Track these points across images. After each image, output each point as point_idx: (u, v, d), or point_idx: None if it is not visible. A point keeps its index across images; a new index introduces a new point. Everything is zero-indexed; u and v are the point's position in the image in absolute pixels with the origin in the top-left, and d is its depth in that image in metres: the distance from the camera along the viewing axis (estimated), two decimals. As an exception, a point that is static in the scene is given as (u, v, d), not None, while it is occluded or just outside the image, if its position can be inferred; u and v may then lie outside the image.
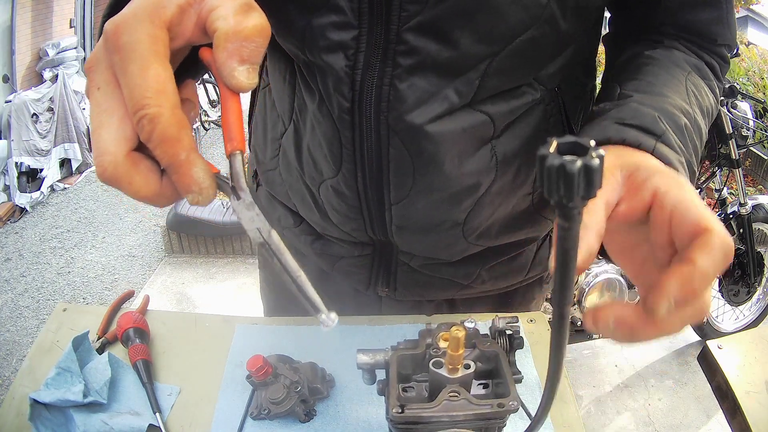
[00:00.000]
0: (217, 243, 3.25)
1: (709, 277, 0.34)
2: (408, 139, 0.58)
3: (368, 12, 0.52)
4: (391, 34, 0.53)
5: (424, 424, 0.47)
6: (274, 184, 0.78)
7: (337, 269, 0.79)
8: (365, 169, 0.62)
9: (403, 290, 0.78)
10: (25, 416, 0.60)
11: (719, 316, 2.50)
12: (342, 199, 0.66)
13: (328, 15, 0.53)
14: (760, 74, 4.12)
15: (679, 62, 0.56)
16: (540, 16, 0.53)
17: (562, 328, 0.31)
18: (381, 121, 0.57)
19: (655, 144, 0.44)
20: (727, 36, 0.59)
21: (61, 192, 4.33)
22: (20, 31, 4.51)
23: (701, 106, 0.53)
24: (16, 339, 2.71)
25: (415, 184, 0.62)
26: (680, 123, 0.48)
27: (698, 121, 0.51)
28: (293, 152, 0.69)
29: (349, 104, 0.57)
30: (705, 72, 0.58)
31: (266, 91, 0.72)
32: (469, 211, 0.67)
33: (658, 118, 0.46)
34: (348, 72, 0.55)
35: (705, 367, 0.75)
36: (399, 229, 0.67)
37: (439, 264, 0.74)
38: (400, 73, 0.55)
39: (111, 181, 0.32)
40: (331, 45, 0.55)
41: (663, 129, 0.45)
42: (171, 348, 0.72)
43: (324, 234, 0.76)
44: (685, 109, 0.50)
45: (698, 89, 0.55)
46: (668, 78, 0.53)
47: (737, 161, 2.08)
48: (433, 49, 0.53)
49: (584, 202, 0.22)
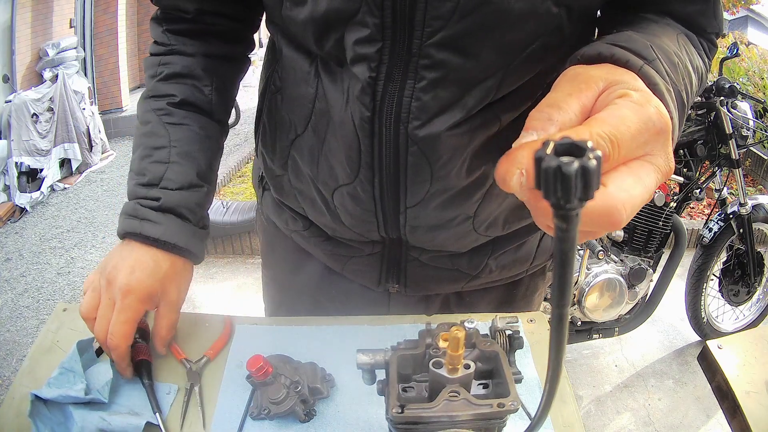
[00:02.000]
0: (217, 243, 3.25)
1: (615, 136, 0.34)
2: (427, 148, 0.60)
3: (391, 27, 0.54)
4: (413, 48, 0.55)
5: (424, 424, 0.47)
6: (282, 190, 0.78)
7: (347, 269, 0.79)
8: (383, 176, 0.63)
9: (413, 285, 0.78)
10: (25, 416, 0.60)
11: (719, 316, 2.50)
12: (357, 203, 0.67)
13: (356, 29, 0.55)
14: (760, 74, 4.12)
15: (670, 23, 0.57)
16: (550, 25, 0.54)
17: (561, 329, 0.31)
18: (401, 130, 0.59)
19: (642, 65, 0.43)
20: (715, 25, 0.60)
21: (61, 192, 4.33)
22: (20, 31, 4.51)
23: (692, 62, 0.53)
24: (16, 339, 2.71)
25: (431, 188, 0.64)
26: (673, 60, 0.48)
27: (689, 68, 0.51)
28: (306, 159, 0.69)
29: (370, 113, 0.59)
30: (694, 41, 0.59)
31: (278, 95, 0.72)
32: (479, 204, 0.68)
33: (651, 47, 0.46)
34: (370, 82, 0.57)
35: (705, 367, 0.75)
36: (413, 228, 0.69)
37: (448, 256, 0.75)
38: (425, 85, 0.57)
39: (112, 348, 0.64)
40: (355, 57, 0.57)
41: (654, 56, 0.45)
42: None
43: (334, 236, 0.76)
44: (677, 53, 0.50)
45: (688, 47, 0.55)
46: (661, 29, 0.54)
47: (737, 161, 2.08)
48: (455, 63, 0.55)
49: (582, 204, 0.22)
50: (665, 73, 0.45)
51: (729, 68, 4.14)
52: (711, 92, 2.02)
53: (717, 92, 2.00)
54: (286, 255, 0.89)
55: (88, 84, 4.85)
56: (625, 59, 0.43)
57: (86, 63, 5.13)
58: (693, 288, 2.30)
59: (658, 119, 0.37)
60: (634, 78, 0.42)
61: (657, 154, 0.38)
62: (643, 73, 0.42)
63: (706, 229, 2.23)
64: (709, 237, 2.21)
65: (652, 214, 2.01)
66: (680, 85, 0.47)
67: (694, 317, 2.38)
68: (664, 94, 0.43)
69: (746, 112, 2.08)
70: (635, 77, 0.42)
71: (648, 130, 0.36)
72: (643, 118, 0.36)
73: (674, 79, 0.47)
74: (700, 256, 2.25)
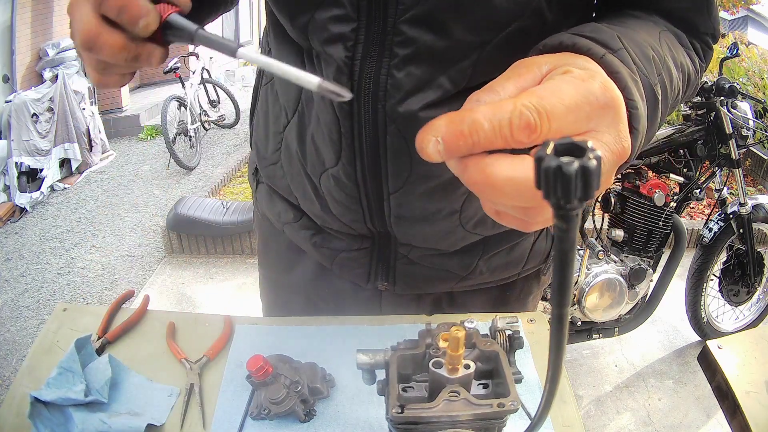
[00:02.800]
0: (217, 243, 3.25)
1: (481, 130, 0.32)
2: (404, 126, 0.60)
3: (366, 6, 0.54)
4: (388, 26, 0.55)
5: (424, 424, 0.47)
6: (275, 178, 0.79)
7: (336, 264, 0.79)
8: (364, 158, 0.63)
9: (402, 284, 0.78)
10: (24, 416, 0.60)
11: (719, 316, 2.50)
12: (342, 188, 0.67)
13: (329, 9, 0.56)
14: (760, 74, 4.12)
15: (656, 21, 0.55)
16: (527, 7, 0.54)
17: (561, 329, 0.31)
18: (378, 109, 0.59)
19: (604, 53, 0.41)
20: (709, 25, 0.59)
21: (61, 192, 4.34)
22: (20, 31, 4.51)
23: (674, 58, 0.51)
24: (16, 339, 2.71)
25: (412, 172, 0.64)
26: (647, 53, 0.46)
27: (668, 64, 0.49)
28: (296, 143, 0.70)
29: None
30: (683, 39, 0.57)
31: (269, 86, 0.74)
32: (465, 198, 0.68)
33: (619, 38, 0.44)
34: (347, 62, 0.57)
35: (705, 367, 0.75)
36: (398, 219, 0.69)
37: (438, 255, 0.75)
38: (398, 62, 0.57)
39: (87, 40, 0.43)
40: (331, 36, 0.57)
41: (620, 46, 0.43)
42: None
43: (324, 227, 0.77)
44: (654, 47, 0.48)
45: (672, 44, 0.53)
46: (641, 24, 0.52)
47: (737, 161, 2.08)
48: (427, 39, 0.55)
49: (582, 204, 0.22)
50: (633, 63, 0.43)
51: (729, 68, 4.14)
52: (711, 92, 2.02)
53: (717, 92, 2.00)
54: (280, 253, 0.89)
55: (88, 84, 4.85)
56: (587, 48, 0.41)
57: (86, 63, 5.12)
58: (693, 288, 2.30)
59: (602, 93, 0.35)
60: (587, 61, 0.39)
61: (604, 130, 0.36)
62: (604, 62, 0.40)
63: (706, 229, 2.23)
64: (709, 237, 2.21)
65: (652, 214, 2.01)
66: (653, 78, 0.45)
67: (694, 317, 2.39)
68: (627, 82, 0.40)
69: (746, 112, 2.08)
70: (589, 60, 0.39)
71: (590, 104, 0.34)
72: (582, 91, 0.34)
73: (645, 70, 0.44)
74: (700, 256, 2.25)
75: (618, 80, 0.39)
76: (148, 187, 4.39)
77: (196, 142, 4.73)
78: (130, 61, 0.44)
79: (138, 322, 0.76)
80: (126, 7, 0.42)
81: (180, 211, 3.14)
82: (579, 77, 0.36)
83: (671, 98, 0.50)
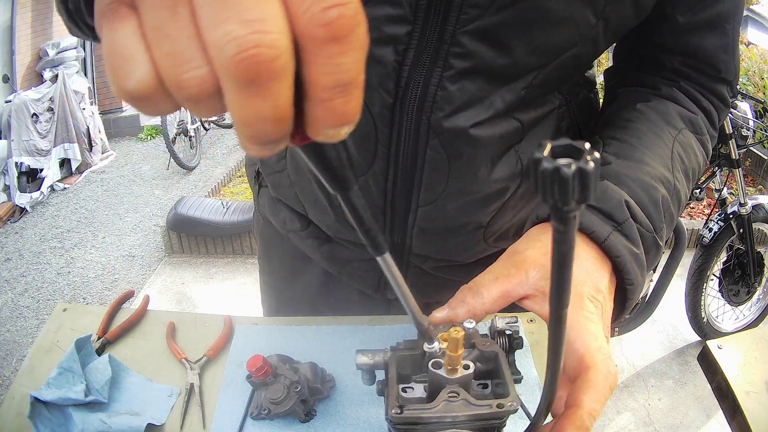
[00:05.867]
0: (217, 243, 3.25)
1: (597, 412, 0.37)
2: (448, 142, 0.58)
3: (425, 9, 0.52)
4: (446, 35, 0.52)
5: (424, 424, 0.47)
6: (280, 187, 0.76)
7: (345, 273, 0.78)
8: (398, 169, 0.61)
9: (413, 293, 0.77)
10: (24, 416, 0.60)
11: (719, 316, 2.50)
12: (366, 198, 0.64)
13: (384, 6, 0.52)
14: (760, 74, 4.11)
15: (671, 119, 0.56)
16: (586, 35, 0.54)
17: (559, 331, 0.31)
18: (422, 120, 0.57)
19: (607, 236, 0.44)
20: (731, 68, 0.59)
21: (61, 192, 4.33)
22: (20, 31, 4.51)
23: (686, 170, 0.53)
24: (16, 339, 2.71)
25: (448, 187, 0.62)
26: (656, 197, 0.48)
27: (678, 188, 0.52)
28: None
29: (392, 100, 0.56)
30: (699, 126, 0.58)
31: None
32: (494, 215, 0.67)
33: (625, 203, 0.46)
34: (396, 67, 0.54)
35: (705, 367, 0.75)
36: (421, 231, 0.67)
37: (452, 266, 0.74)
38: (453, 75, 0.54)
39: (271, 68, 0.19)
40: (382, 37, 0.53)
41: (625, 216, 0.45)
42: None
43: (335, 237, 0.74)
44: (665, 178, 0.50)
45: (686, 151, 0.55)
46: (654, 140, 0.54)
47: (737, 161, 2.08)
48: (487, 56, 0.53)
49: (579, 206, 0.22)
50: (637, 234, 0.46)
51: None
52: (711, 92, 2.01)
53: (717, 92, 2.00)
54: (283, 261, 0.87)
55: (88, 84, 4.85)
56: (590, 230, 0.44)
57: (86, 63, 5.12)
58: (693, 288, 2.30)
59: (614, 384, 0.40)
60: (584, 261, 0.44)
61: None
62: (605, 247, 0.43)
63: (706, 229, 2.23)
64: (709, 237, 2.21)
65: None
66: (659, 224, 0.48)
67: (694, 317, 2.38)
68: (626, 264, 0.44)
69: (746, 112, 2.08)
70: (587, 259, 0.44)
71: (611, 389, 0.40)
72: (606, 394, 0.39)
73: (654, 219, 0.47)
74: (700, 256, 2.25)
75: (617, 264, 0.44)
76: (148, 187, 4.39)
77: (196, 142, 4.73)
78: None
79: (138, 322, 0.76)
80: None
81: (180, 211, 3.14)
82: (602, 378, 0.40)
83: (676, 217, 0.52)
